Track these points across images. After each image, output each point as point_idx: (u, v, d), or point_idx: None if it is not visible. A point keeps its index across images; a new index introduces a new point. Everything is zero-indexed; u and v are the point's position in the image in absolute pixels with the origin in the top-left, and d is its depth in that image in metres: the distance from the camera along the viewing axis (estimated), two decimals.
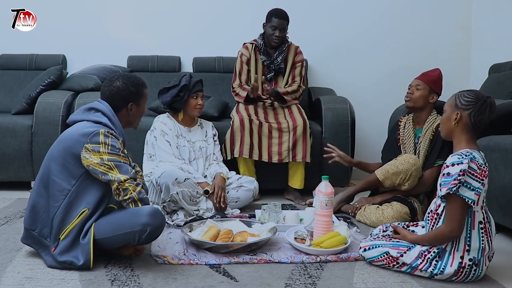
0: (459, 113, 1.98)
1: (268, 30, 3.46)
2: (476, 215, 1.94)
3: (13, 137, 3.40)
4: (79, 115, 2.18)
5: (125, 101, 2.20)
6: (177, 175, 2.75)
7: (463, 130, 1.99)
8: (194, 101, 3.06)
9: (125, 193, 2.01)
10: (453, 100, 2.03)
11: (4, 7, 4.01)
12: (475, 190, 1.90)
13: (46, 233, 2.08)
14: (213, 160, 3.17)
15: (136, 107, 2.23)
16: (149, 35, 4.28)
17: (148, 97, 2.31)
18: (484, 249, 1.95)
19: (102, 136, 2.04)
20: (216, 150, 3.22)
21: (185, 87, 3.02)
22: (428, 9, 4.35)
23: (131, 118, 2.25)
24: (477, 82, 3.76)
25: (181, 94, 3.02)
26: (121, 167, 2.03)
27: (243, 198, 3.05)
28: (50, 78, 3.65)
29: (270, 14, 3.48)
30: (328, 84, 4.19)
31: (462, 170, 1.88)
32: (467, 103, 1.98)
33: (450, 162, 1.93)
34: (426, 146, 2.79)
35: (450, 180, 1.90)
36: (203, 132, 3.21)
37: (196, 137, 3.15)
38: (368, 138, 4.11)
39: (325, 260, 2.20)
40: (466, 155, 1.91)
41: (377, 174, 2.80)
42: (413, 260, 2.02)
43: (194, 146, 3.11)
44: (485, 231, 1.96)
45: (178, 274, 2.01)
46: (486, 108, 1.96)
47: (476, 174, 1.90)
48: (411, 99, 2.82)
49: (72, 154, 2.04)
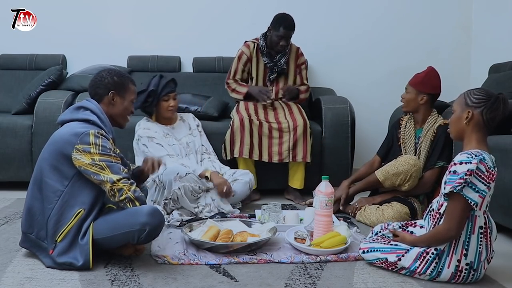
0: (470, 111, 1.93)
1: (274, 38, 3.42)
2: (477, 220, 1.91)
3: (13, 137, 3.41)
4: (68, 115, 2.17)
5: (107, 89, 2.17)
6: (178, 170, 2.75)
7: (474, 128, 1.94)
8: (165, 103, 3.02)
9: (121, 193, 2.01)
10: (463, 98, 1.98)
11: (4, 7, 4.01)
12: (479, 192, 1.86)
13: (43, 235, 2.08)
14: (204, 152, 3.16)
15: (119, 98, 2.20)
16: (149, 35, 4.28)
17: (135, 94, 2.28)
18: (481, 253, 1.93)
19: (92, 136, 2.02)
20: (204, 140, 3.21)
21: (152, 92, 2.97)
22: (428, 9, 4.35)
23: (115, 111, 2.20)
24: (477, 82, 3.76)
25: (149, 100, 2.98)
26: (112, 167, 2.02)
27: (240, 191, 3.03)
28: (50, 78, 3.65)
29: (279, 23, 3.39)
30: (328, 84, 4.19)
31: (470, 170, 1.84)
32: (478, 100, 1.93)
33: (458, 160, 1.88)
34: (427, 146, 2.79)
35: (455, 178, 1.86)
36: (186, 125, 3.20)
37: (181, 134, 3.14)
38: (368, 138, 4.11)
39: (325, 260, 2.20)
40: (476, 155, 1.86)
41: (377, 174, 2.80)
42: (411, 263, 2.00)
43: (181, 142, 3.10)
44: (484, 236, 1.93)
45: (178, 274, 2.01)
46: (500, 105, 1.92)
47: (484, 176, 1.86)
48: (403, 103, 2.89)
49: (63, 155, 2.04)
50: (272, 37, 3.44)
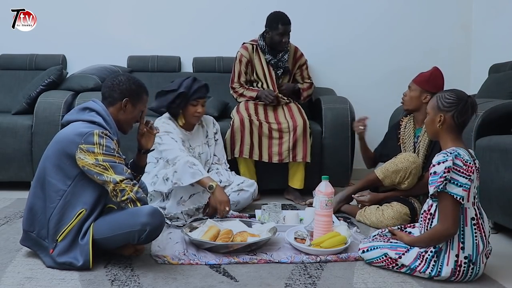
0: (442, 115, 2.01)
1: (276, 38, 3.44)
2: (468, 211, 1.96)
3: (13, 137, 3.41)
4: (74, 115, 2.17)
5: (123, 94, 2.17)
6: (182, 194, 2.68)
7: (448, 130, 2.02)
8: (193, 108, 2.89)
9: (123, 194, 2.01)
10: (435, 102, 2.05)
11: (4, 7, 4.01)
12: (462, 186, 1.92)
13: (44, 234, 2.08)
14: (215, 162, 3.11)
15: (131, 106, 2.20)
16: (149, 35, 4.28)
17: (146, 104, 2.28)
18: (478, 246, 1.96)
19: (96, 136, 2.02)
20: (218, 150, 3.15)
21: (182, 94, 2.84)
22: (428, 9, 4.35)
23: (123, 118, 2.20)
24: (477, 82, 3.76)
25: (177, 101, 2.85)
26: (116, 168, 2.02)
27: (243, 201, 3.04)
28: (50, 78, 3.65)
29: (275, 21, 3.43)
30: (328, 84, 4.19)
31: (447, 167, 1.91)
32: (449, 104, 2.01)
33: (436, 161, 1.96)
34: (425, 145, 2.80)
35: (436, 178, 1.93)
36: (204, 132, 3.12)
37: (196, 142, 3.05)
38: (368, 138, 4.06)
39: (325, 260, 2.20)
40: (450, 152, 1.94)
41: (377, 172, 2.80)
42: (411, 261, 2.02)
43: (194, 152, 3.01)
44: (478, 227, 1.97)
45: (178, 274, 2.01)
46: (468, 109, 2.00)
47: (462, 170, 1.93)
48: (405, 101, 2.88)
49: (67, 154, 2.04)
50: (273, 37, 3.45)
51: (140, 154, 2.37)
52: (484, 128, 2.69)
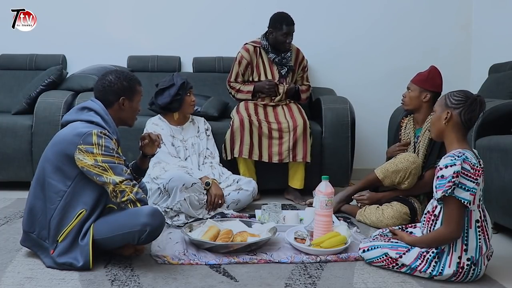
0: (449, 112, 2.00)
1: (280, 38, 3.45)
2: (473, 214, 1.95)
3: (13, 137, 3.40)
4: (72, 115, 2.17)
5: (117, 94, 2.16)
6: (184, 181, 2.71)
7: (453, 129, 2.01)
8: (188, 98, 3.09)
9: (122, 195, 2.01)
10: (443, 100, 2.06)
11: (4, 7, 4.01)
12: (470, 190, 1.91)
13: (44, 235, 2.08)
14: (208, 155, 3.16)
15: (128, 102, 2.19)
16: (149, 35, 4.28)
17: (142, 94, 2.27)
18: (481, 248, 1.95)
19: (95, 136, 2.02)
20: (210, 144, 3.22)
21: (182, 85, 3.05)
22: (428, 9, 4.35)
23: (124, 114, 2.21)
24: (477, 82, 3.76)
25: (181, 93, 3.04)
26: (115, 168, 2.02)
27: (243, 200, 3.05)
28: (50, 78, 3.65)
29: (279, 22, 3.44)
30: (328, 84, 4.19)
31: (456, 171, 1.89)
32: (457, 102, 2.01)
33: (443, 164, 1.94)
34: (425, 145, 2.80)
35: (444, 182, 1.91)
36: (195, 128, 3.21)
37: (189, 134, 3.15)
38: (368, 138, 4.11)
39: (325, 260, 2.20)
40: (458, 156, 1.92)
41: (377, 172, 2.80)
42: (412, 261, 2.02)
43: (187, 143, 3.11)
44: (482, 229, 1.96)
45: (178, 274, 2.01)
46: (476, 107, 1.99)
47: (470, 174, 1.91)
48: (405, 102, 2.88)
49: (66, 155, 2.03)
50: (277, 38, 3.46)
51: (144, 158, 2.37)
52: (484, 128, 2.70)
